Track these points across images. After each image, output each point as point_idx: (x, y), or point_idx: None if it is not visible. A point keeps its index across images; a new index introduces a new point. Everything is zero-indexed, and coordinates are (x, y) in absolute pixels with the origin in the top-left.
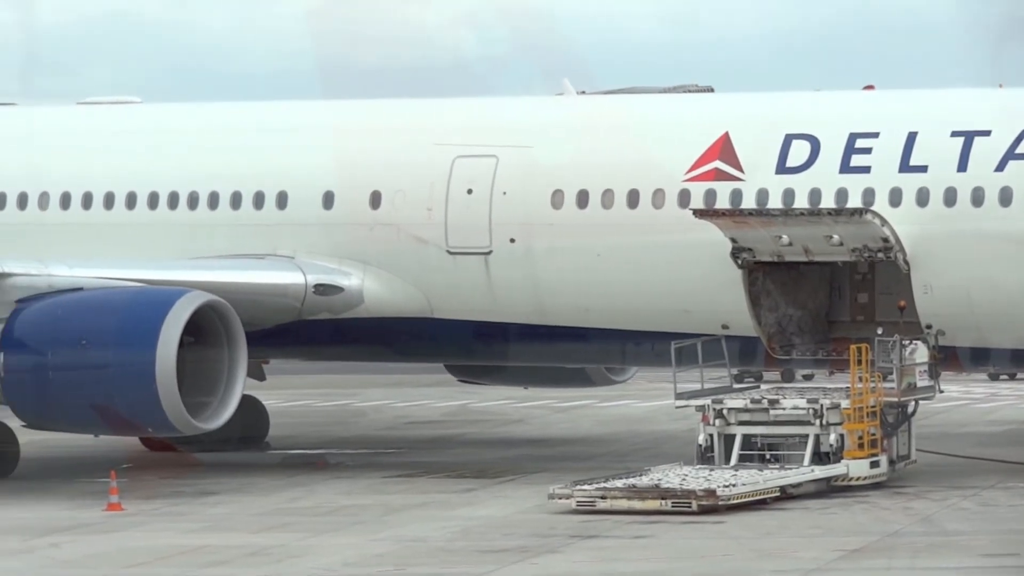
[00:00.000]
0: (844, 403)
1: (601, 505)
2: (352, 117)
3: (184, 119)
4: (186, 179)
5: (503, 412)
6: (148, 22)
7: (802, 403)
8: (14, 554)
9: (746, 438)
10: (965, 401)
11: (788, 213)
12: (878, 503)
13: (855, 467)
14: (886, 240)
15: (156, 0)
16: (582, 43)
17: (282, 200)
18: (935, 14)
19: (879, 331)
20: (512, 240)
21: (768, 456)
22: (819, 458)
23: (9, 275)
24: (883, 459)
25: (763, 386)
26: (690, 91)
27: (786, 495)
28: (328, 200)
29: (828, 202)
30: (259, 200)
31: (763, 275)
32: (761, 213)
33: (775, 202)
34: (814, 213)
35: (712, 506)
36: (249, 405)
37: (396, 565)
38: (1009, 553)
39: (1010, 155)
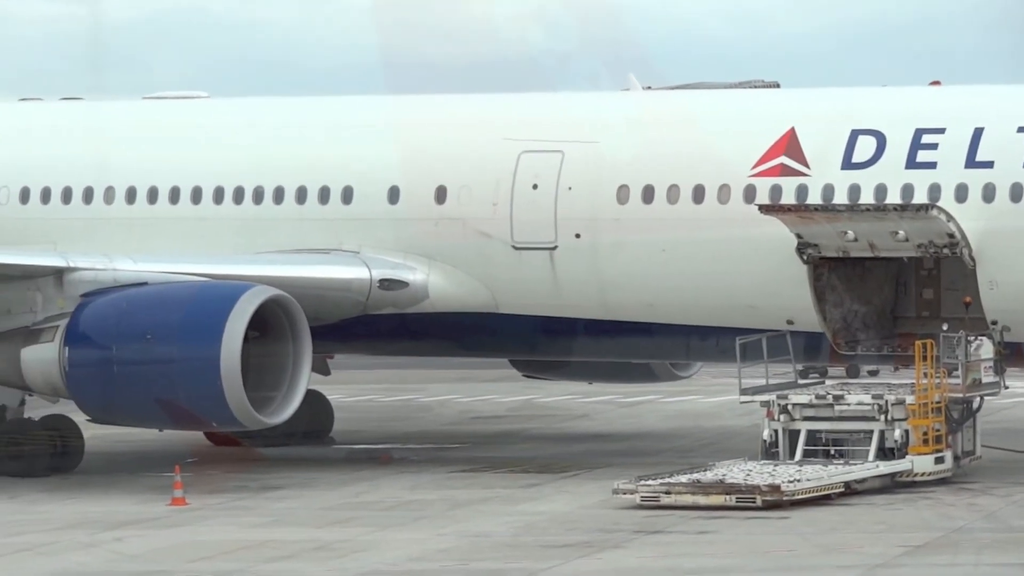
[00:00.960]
0: (909, 399)
1: (665, 500)
2: (418, 112)
3: (250, 114)
4: (252, 173)
5: (567, 407)
6: (215, 17)
7: (867, 399)
8: (79, 548)
9: (811, 434)
10: None
11: (854, 209)
12: (943, 499)
13: (920, 463)
14: (952, 236)
15: None
16: (648, 38)
17: (347, 195)
18: (1001, 8)
19: (944, 327)
20: (577, 235)
21: (833, 452)
22: (884, 454)
23: (75, 269)
24: (948, 455)
25: (828, 382)
26: (756, 86)
27: (850, 491)
28: (393, 195)
29: (894, 198)
30: (324, 195)
31: (828, 271)
32: (827, 209)
33: (841, 198)
34: (880, 209)
35: (776, 501)
36: (314, 400)
37: (460, 560)
38: None
39: None
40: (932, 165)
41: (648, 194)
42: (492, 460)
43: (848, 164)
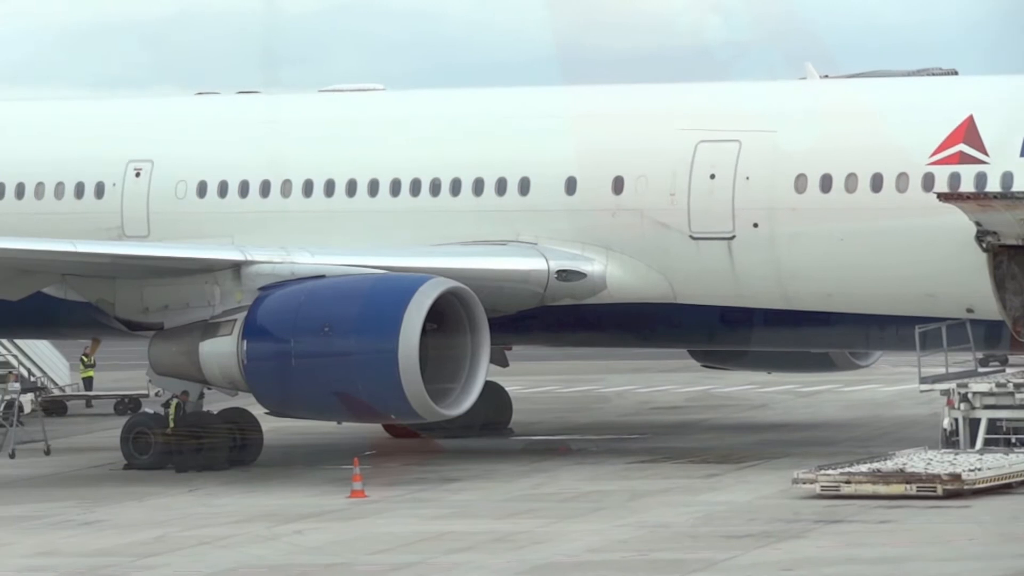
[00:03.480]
0: None
1: (845, 490)
2: (594, 103)
3: (426, 106)
4: (428, 166)
5: (746, 397)
6: (392, 9)
7: None
8: (259, 541)
9: (991, 422)
10: None
11: None
12: None
13: None
14: None
15: None
16: (825, 27)
17: (524, 186)
18: None
19: None
20: (755, 225)
21: (1014, 440)
22: None
23: (252, 262)
24: None
25: (1009, 370)
26: (934, 74)
27: None
28: (571, 186)
29: None
30: (501, 186)
31: (1008, 258)
32: (1006, 196)
33: (1020, 185)
34: None
35: (957, 490)
36: (492, 391)
37: (639, 551)
38: None
39: None
40: None
41: (826, 183)
42: (671, 450)
43: None
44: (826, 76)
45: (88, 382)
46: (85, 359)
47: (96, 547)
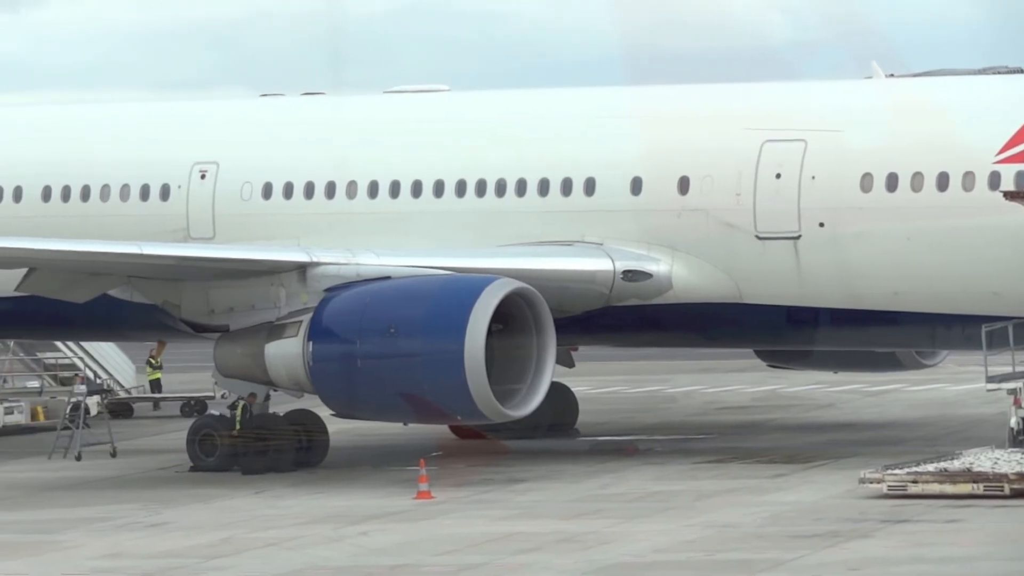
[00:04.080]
0: None
1: (912, 489)
2: (660, 103)
3: (491, 107)
4: (494, 166)
5: (813, 397)
6: (457, 9)
7: None
8: (325, 542)
9: None
10: None
11: None
12: None
13: None
14: None
15: None
16: (891, 26)
17: (590, 186)
18: None
19: None
20: (821, 224)
21: None
22: None
23: (318, 264)
24: None
25: None
26: (1000, 72)
27: None
28: (636, 186)
29: None
30: (567, 187)
31: None
32: None
33: None
34: None
35: None
36: (558, 392)
37: (706, 551)
38: None
39: None
40: None
41: (892, 182)
42: (738, 450)
43: None
44: (892, 75)
45: (155, 384)
46: (152, 361)
47: (163, 549)
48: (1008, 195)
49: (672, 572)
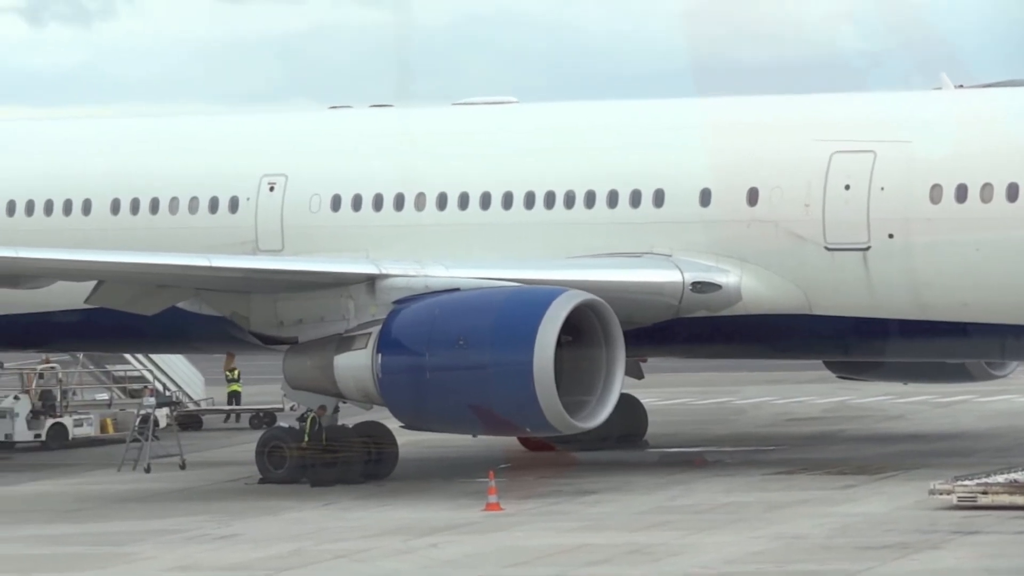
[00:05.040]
0: None
1: (982, 500)
2: (728, 114)
3: (560, 118)
4: (562, 178)
5: (882, 408)
6: (526, 22)
7: None
8: (395, 554)
9: None
10: None
11: None
12: None
13: None
14: None
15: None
16: (960, 36)
17: (659, 198)
18: None
19: None
20: (890, 235)
21: None
22: None
23: (387, 276)
24: None
25: None
26: None
27: None
28: (705, 197)
29: None
30: (636, 198)
31: None
32: None
33: None
34: None
35: None
36: (627, 403)
37: (776, 563)
38: None
39: None
40: None
41: (961, 193)
42: (807, 462)
43: None
44: (961, 86)
45: (233, 397)
46: (229, 374)
47: (233, 561)
48: None
49: None
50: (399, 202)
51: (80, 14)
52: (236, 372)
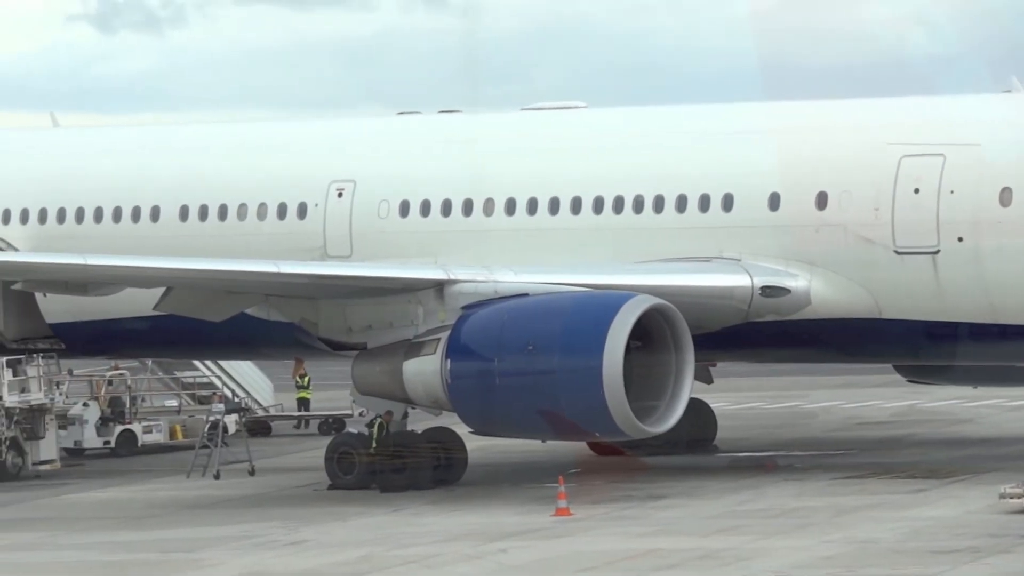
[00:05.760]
0: None
1: None
2: (797, 118)
3: (629, 123)
4: (630, 183)
5: (952, 412)
6: (596, 27)
7: None
8: (464, 560)
9: None
10: None
11: None
12: None
13: None
14: None
15: (605, 5)
16: None
17: (728, 202)
18: None
19: None
20: (960, 239)
21: None
22: None
23: (455, 281)
24: None
25: None
26: None
27: None
28: (774, 201)
29: None
30: (705, 203)
31: None
32: None
33: None
34: None
35: None
36: (697, 408)
37: (846, 567)
38: None
39: None
40: None
41: None
42: (877, 466)
43: None
44: None
45: (303, 403)
46: (299, 380)
47: (302, 567)
48: None
49: None
50: (468, 207)
51: (151, 22)
52: (306, 379)
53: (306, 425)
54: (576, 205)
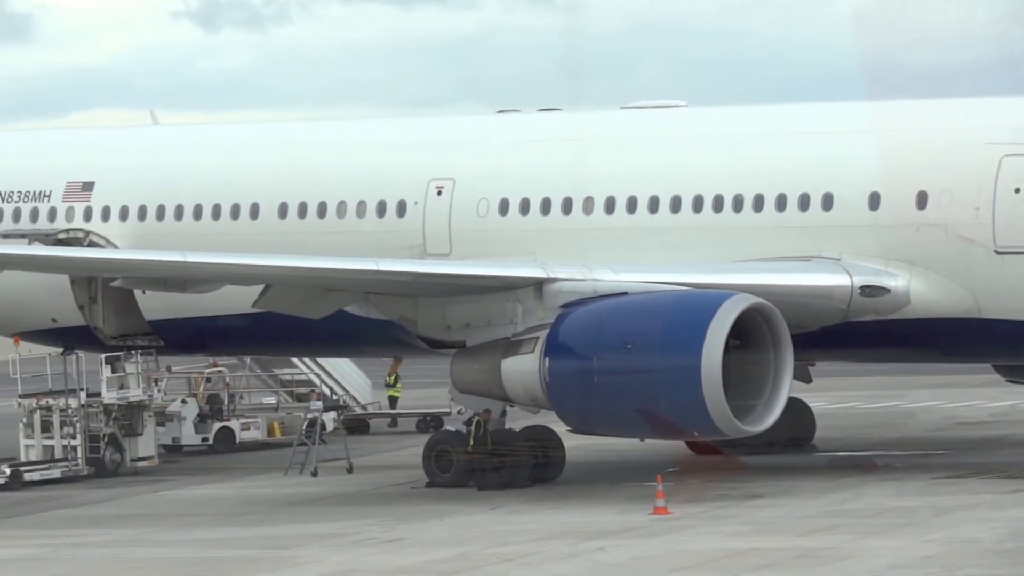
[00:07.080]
0: None
1: None
2: (897, 118)
3: (729, 122)
4: (731, 182)
5: None
6: (698, 26)
7: None
8: (562, 558)
9: None
10: None
11: None
12: None
13: None
14: None
15: (706, 3)
16: None
17: (828, 202)
18: None
19: None
20: None
21: None
22: None
23: (555, 280)
24: None
25: None
26: None
27: None
28: (874, 201)
29: None
30: (804, 202)
31: None
32: None
33: None
34: None
35: None
36: (795, 407)
37: (945, 567)
38: None
39: None
40: None
41: None
42: (977, 466)
43: None
44: None
45: (393, 401)
46: (389, 378)
47: (399, 564)
48: None
49: None
50: (567, 206)
51: (254, 19)
52: (393, 377)
53: (392, 423)
54: (676, 204)
